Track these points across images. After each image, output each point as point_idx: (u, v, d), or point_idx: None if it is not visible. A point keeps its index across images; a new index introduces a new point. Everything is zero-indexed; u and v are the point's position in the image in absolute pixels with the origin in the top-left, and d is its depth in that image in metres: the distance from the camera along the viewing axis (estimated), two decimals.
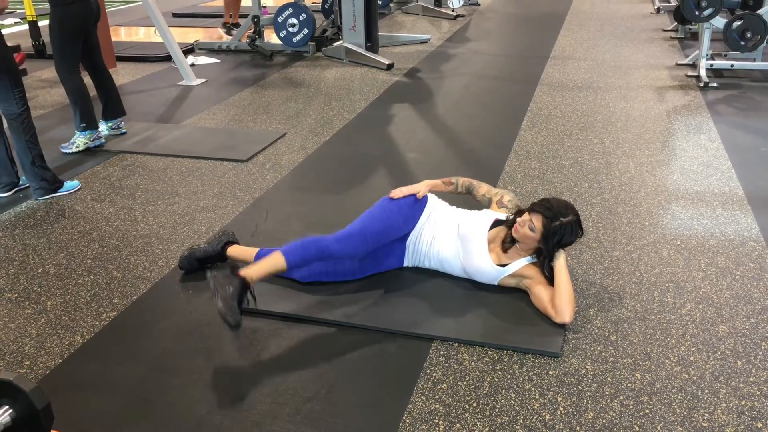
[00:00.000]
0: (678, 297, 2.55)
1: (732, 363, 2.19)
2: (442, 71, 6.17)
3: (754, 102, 4.78)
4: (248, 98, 5.50)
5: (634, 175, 3.67)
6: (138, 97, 5.64)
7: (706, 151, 3.91)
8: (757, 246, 2.88)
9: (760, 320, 2.40)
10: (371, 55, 6.41)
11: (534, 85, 5.55)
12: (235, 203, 3.54)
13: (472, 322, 2.44)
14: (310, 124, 4.77)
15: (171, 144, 4.43)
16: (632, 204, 3.36)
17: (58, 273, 2.90)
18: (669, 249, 2.89)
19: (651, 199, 3.31)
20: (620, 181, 3.63)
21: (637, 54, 6.52)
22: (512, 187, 3.61)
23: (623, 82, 5.57)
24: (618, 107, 4.91)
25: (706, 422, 1.95)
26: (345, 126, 4.71)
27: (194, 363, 2.30)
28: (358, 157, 4.16)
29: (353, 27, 6.56)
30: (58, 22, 4.05)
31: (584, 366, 2.22)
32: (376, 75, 6.08)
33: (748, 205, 3.25)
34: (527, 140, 4.31)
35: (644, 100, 5.04)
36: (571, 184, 3.62)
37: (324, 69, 6.37)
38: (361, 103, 5.22)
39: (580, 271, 2.77)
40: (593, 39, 7.24)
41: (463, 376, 2.20)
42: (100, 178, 3.91)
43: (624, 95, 5.20)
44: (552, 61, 6.32)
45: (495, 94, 5.39)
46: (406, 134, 4.52)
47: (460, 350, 2.32)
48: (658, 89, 5.30)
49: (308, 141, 4.43)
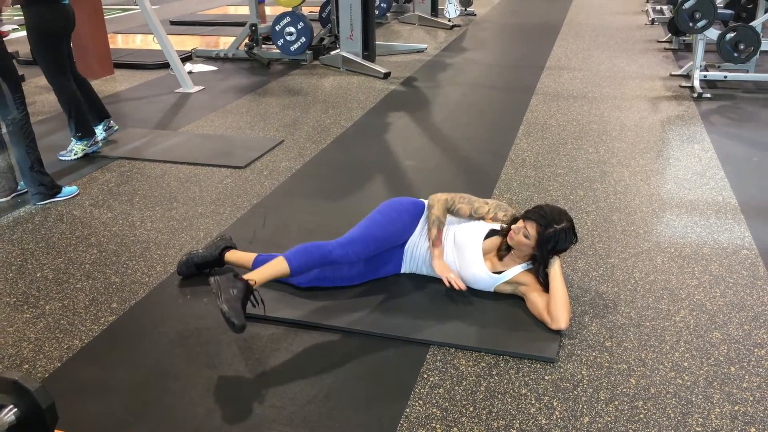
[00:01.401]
0: (672, 304, 2.58)
1: (725, 369, 2.22)
2: (439, 80, 6.21)
3: (747, 113, 4.84)
4: (246, 106, 5.53)
5: (629, 183, 3.70)
6: (136, 104, 5.66)
7: (699, 160, 3.95)
8: (750, 254, 2.91)
9: (752, 327, 2.42)
10: (368, 64, 6.46)
11: (530, 94, 5.60)
12: (233, 209, 3.56)
13: (468, 327, 2.46)
14: (307, 132, 4.80)
15: (169, 150, 4.45)
16: (627, 212, 3.39)
17: (56, 277, 2.91)
18: (663, 257, 2.92)
19: (645, 208, 3.34)
20: (615, 189, 3.67)
21: (631, 65, 6.59)
22: (508, 195, 3.64)
23: (618, 92, 5.62)
24: (613, 117, 4.96)
25: (699, 427, 1.97)
26: (342, 134, 4.74)
27: (192, 367, 2.31)
28: (356, 165, 4.18)
29: (350, 36, 6.61)
30: (33, 28, 3.98)
31: (580, 371, 2.24)
32: (373, 84, 6.11)
33: (741, 214, 3.28)
34: (523, 149, 4.34)
35: (639, 110, 5.09)
36: (566, 192, 3.65)
37: (321, 77, 6.41)
38: (358, 111, 5.26)
39: (575, 278, 2.80)
40: (588, 49, 7.30)
41: (459, 380, 2.22)
42: (98, 184, 3.92)
43: (618, 105, 5.25)
44: (547, 71, 6.37)
45: (491, 103, 5.43)
46: (402, 142, 4.56)
47: (457, 355, 2.34)
48: (653, 99, 5.35)
49: (306, 148, 4.46)
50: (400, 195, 3.68)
